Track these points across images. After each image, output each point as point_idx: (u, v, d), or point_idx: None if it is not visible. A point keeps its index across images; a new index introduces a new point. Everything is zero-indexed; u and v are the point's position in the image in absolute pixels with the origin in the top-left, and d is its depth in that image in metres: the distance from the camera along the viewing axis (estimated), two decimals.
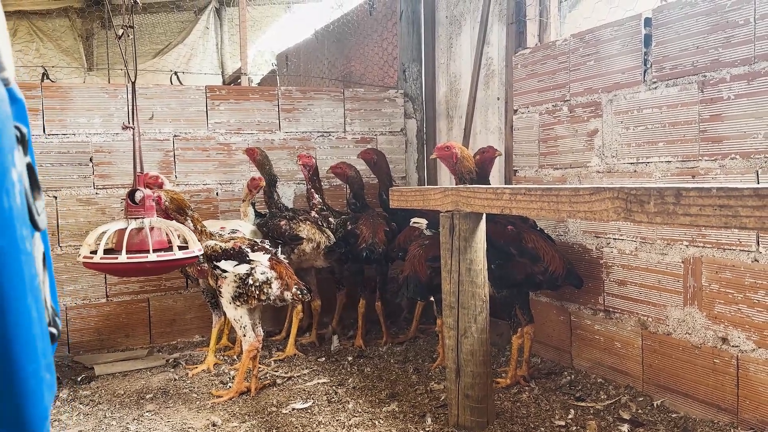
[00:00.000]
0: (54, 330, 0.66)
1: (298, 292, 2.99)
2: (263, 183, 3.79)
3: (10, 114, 0.58)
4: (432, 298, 3.30)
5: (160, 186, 3.46)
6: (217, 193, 4.04)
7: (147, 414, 2.80)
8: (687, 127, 2.60)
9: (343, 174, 3.94)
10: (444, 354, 3.30)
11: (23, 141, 0.62)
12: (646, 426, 2.52)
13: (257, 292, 2.93)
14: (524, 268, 2.91)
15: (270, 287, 2.95)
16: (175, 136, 3.94)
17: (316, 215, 3.82)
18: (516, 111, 3.56)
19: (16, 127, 0.61)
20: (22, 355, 0.54)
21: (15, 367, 0.53)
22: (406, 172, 4.64)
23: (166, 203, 2.99)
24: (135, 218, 2.45)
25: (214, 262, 2.97)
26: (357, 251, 3.61)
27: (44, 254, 0.70)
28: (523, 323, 3.02)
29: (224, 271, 2.95)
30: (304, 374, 3.28)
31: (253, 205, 3.90)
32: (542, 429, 2.52)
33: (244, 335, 2.96)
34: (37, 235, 0.65)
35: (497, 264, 2.85)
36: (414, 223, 3.47)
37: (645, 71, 2.77)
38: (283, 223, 3.68)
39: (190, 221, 3.04)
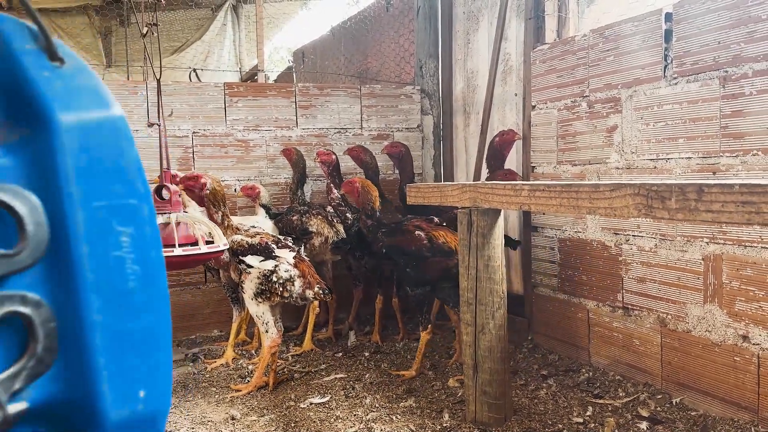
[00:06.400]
0: None
1: (320, 292, 2.99)
2: (258, 190, 3.83)
3: None
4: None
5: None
6: (235, 190, 4.06)
7: None
8: (708, 123, 2.57)
9: (358, 158, 3.94)
10: (460, 350, 3.31)
11: None
12: (665, 424, 2.51)
13: (280, 290, 2.94)
14: (439, 264, 3.02)
15: (293, 285, 2.96)
16: (194, 132, 3.98)
17: (332, 210, 3.84)
18: (534, 107, 3.55)
19: None
20: (169, 342, 0.67)
21: (167, 353, 0.66)
22: (422, 168, 4.64)
23: (208, 190, 3.02)
24: (161, 213, 2.48)
25: (240, 257, 2.99)
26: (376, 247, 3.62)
27: None
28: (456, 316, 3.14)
29: (249, 266, 2.97)
30: (321, 369, 3.30)
31: (264, 207, 3.87)
32: (560, 426, 2.52)
33: (266, 331, 2.98)
34: None
35: (412, 266, 3.06)
36: None
37: (665, 67, 2.74)
38: (295, 218, 3.74)
39: (220, 215, 3.06)
